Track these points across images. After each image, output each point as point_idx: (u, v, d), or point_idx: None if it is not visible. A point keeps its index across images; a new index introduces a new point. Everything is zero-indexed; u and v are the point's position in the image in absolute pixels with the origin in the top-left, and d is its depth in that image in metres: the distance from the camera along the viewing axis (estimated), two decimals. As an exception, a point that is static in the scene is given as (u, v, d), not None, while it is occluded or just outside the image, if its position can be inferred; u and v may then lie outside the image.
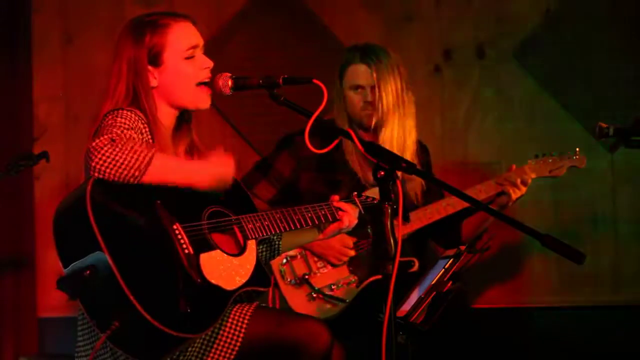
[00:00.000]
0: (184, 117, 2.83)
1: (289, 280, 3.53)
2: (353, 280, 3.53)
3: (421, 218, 3.59)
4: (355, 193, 3.02)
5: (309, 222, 2.82)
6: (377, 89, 3.56)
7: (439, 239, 3.82)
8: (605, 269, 4.34)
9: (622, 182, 4.34)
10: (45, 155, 3.73)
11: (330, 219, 2.89)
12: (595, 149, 4.34)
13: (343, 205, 2.91)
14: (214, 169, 2.61)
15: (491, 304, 4.36)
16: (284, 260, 3.54)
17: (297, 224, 2.80)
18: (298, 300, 3.51)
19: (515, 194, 3.59)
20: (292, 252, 3.53)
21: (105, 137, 2.45)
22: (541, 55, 4.41)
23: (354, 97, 3.62)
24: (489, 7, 4.47)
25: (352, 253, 3.52)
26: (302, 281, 3.53)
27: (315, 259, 3.55)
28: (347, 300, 3.49)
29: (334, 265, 3.55)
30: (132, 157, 2.43)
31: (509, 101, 4.44)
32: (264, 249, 2.95)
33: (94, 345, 2.56)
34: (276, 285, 3.55)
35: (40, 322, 4.71)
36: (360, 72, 3.60)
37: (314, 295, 3.50)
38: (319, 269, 3.55)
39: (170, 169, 2.53)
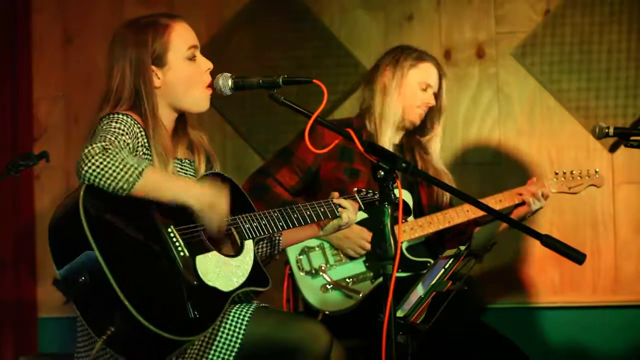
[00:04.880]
0: (182, 120, 2.82)
1: (304, 270, 3.52)
2: (369, 275, 3.53)
3: (441, 220, 3.59)
4: (355, 189, 3.03)
5: (308, 221, 2.83)
6: (439, 96, 3.70)
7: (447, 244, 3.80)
8: (605, 269, 4.34)
9: (622, 182, 4.34)
10: (45, 155, 3.72)
11: (330, 217, 2.90)
12: (595, 149, 4.34)
13: (343, 202, 2.92)
14: (205, 191, 2.54)
15: (491, 304, 4.36)
16: (301, 251, 3.53)
17: (296, 223, 2.80)
18: (312, 291, 3.50)
19: (535, 206, 3.59)
20: (310, 244, 3.52)
21: (98, 145, 2.41)
22: (541, 55, 4.41)
23: (419, 93, 3.66)
24: (489, 7, 4.46)
25: (369, 247, 3.49)
26: (318, 272, 3.52)
27: (333, 251, 3.55)
28: (361, 294, 3.48)
29: (351, 259, 3.55)
30: (121, 170, 2.40)
31: (509, 101, 4.44)
32: (264, 245, 2.96)
33: (93, 346, 2.55)
34: (291, 275, 3.55)
35: (40, 322, 4.71)
36: (433, 73, 3.69)
37: (329, 287, 3.49)
38: (336, 261, 3.54)
39: (161, 185, 2.48)
